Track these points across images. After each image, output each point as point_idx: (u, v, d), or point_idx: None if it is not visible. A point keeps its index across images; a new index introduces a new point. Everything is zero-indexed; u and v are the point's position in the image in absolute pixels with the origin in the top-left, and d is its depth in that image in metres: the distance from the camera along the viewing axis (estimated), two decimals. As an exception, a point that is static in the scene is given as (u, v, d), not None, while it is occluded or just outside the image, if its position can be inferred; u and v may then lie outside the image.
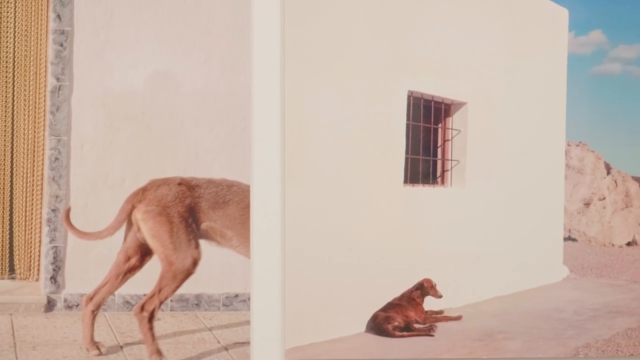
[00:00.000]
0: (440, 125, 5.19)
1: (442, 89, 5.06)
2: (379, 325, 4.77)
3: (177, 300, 5.43)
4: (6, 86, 5.52)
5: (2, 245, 5.59)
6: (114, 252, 4.77)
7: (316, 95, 4.53)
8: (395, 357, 4.61)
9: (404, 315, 4.81)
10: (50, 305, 5.38)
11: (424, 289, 4.90)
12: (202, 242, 4.68)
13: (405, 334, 4.76)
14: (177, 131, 5.42)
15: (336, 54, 4.63)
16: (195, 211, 4.66)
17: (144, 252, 4.71)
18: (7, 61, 5.51)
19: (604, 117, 5.07)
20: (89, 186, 5.39)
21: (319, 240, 4.55)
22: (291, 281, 4.35)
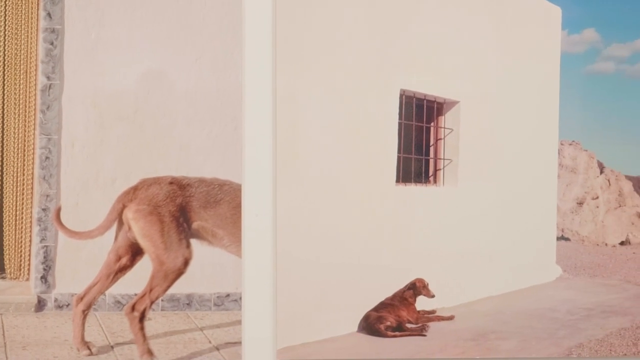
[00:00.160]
0: (432, 124, 5.18)
1: (434, 88, 5.05)
2: (371, 325, 4.77)
3: (168, 299, 5.42)
4: (-4, 85, 5.51)
5: (-8, 244, 5.59)
6: (104, 251, 4.76)
7: (308, 94, 4.53)
8: (387, 357, 4.61)
9: (396, 315, 4.81)
10: (40, 305, 5.36)
11: (417, 288, 4.89)
12: (193, 241, 4.67)
13: (397, 333, 4.75)
14: (168, 130, 5.40)
15: (328, 53, 4.62)
16: (186, 210, 4.65)
17: (135, 252, 4.70)
18: (-3, 60, 5.50)
19: (597, 116, 5.06)
20: (80, 185, 5.37)
21: (311, 239, 4.55)
22: (283, 281, 4.34)
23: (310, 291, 4.54)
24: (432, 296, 4.90)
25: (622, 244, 5.46)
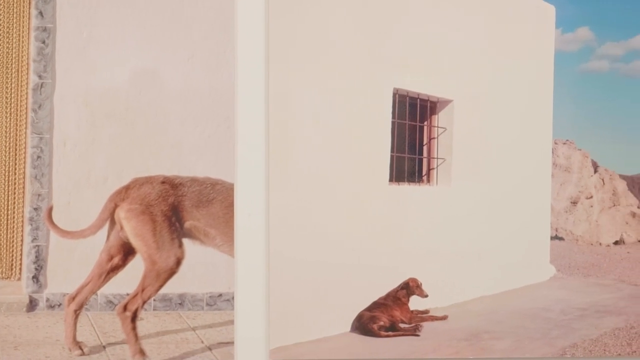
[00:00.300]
0: (425, 123, 5.17)
1: (427, 87, 5.04)
2: (364, 324, 4.76)
3: (161, 299, 5.41)
4: (-12, 84, 5.50)
5: (-16, 244, 5.57)
6: (96, 251, 4.75)
7: (301, 93, 4.51)
8: (380, 357, 4.60)
9: (389, 314, 4.80)
10: (32, 304, 5.35)
11: (410, 288, 4.89)
12: (185, 241, 4.66)
13: (390, 333, 4.74)
14: (160, 129, 5.39)
15: (321, 52, 4.61)
16: (178, 210, 4.64)
17: (127, 251, 4.68)
18: (-12, 58, 5.49)
19: (591, 115, 5.05)
20: (72, 184, 5.36)
21: (304, 239, 4.54)
22: (275, 280, 4.33)
23: (303, 291, 4.53)
24: (426, 296, 4.89)
25: (616, 243, 5.46)
